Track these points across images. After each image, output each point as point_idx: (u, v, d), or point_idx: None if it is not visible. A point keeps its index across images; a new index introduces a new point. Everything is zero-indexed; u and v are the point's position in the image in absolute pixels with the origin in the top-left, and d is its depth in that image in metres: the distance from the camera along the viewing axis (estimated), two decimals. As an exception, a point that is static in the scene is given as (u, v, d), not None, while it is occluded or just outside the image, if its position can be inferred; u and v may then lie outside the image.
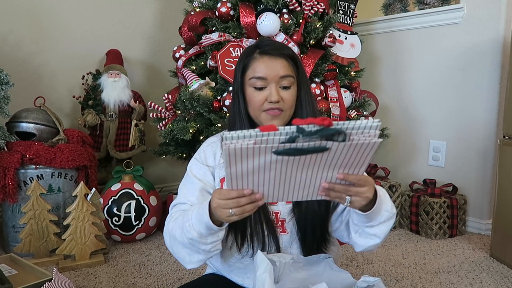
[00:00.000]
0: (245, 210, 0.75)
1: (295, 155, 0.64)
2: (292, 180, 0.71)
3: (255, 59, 0.94)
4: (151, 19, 2.61)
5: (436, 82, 2.31)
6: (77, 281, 1.56)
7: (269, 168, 0.68)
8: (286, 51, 0.95)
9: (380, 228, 0.85)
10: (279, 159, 0.65)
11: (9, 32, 2.12)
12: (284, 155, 0.64)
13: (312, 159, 0.66)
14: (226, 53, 1.79)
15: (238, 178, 0.70)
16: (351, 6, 2.17)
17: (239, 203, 0.74)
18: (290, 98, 0.94)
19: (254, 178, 0.70)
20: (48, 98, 2.06)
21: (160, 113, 1.93)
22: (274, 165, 0.67)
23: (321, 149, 0.63)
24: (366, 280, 0.85)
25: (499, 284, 1.58)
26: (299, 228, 0.94)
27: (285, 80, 0.93)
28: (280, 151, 0.64)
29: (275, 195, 0.75)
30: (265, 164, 0.67)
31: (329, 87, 1.96)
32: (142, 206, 1.92)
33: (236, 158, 0.65)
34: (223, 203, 0.75)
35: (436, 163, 2.34)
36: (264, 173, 0.69)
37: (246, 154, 0.64)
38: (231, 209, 0.74)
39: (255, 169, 0.68)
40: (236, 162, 0.66)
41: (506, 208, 1.73)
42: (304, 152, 0.64)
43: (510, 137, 1.75)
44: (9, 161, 1.69)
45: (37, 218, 1.67)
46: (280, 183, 0.72)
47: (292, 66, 0.94)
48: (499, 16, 2.05)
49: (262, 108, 0.93)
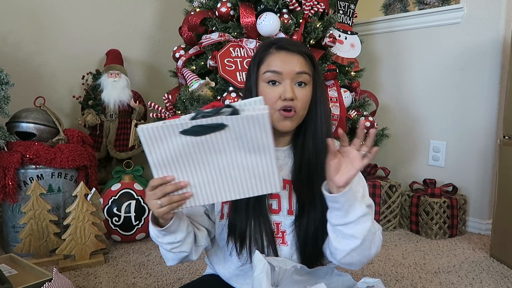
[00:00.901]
0: (173, 200, 0.76)
1: (199, 133, 0.70)
2: (212, 170, 0.75)
3: (271, 53, 0.90)
4: (151, 19, 2.61)
5: (436, 82, 2.32)
6: (77, 281, 1.56)
7: (184, 154, 0.73)
8: (304, 48, 0.92)
9: (357, 227, 0.81)
10: (188, 142, 0.71)
11: (9, 32, 2.12)
12: (189, 134, 0.70)
13: (219, 140, 0.72)
14: (226, 53, 1.79)
15: (161, 166, 0.74)
16: (351, 6, 2.17)
17: (165, 191, 0.75)
18: (304, 97, 0.89)
19: (176, 167, 0.74)
20: (48, 98, 2.06)
21: (160, 113, 1.93)
22: (188, 150, 0.72)
23: (219, 124, 0.70)
24: (366, 281, 0.85)
25: (499, 284, 1.58)
26: (300, 241, 0.91)
27: (301, 77, 0.88)
28: (186, 130, 0.70)
29: (204, 192, 0.77)
30: (179, 149, 0.72)
31: (329, 87, 1.96)
32: (142, 206, 1.92)
33: (152, 142, 0.71)
34: (151, 193, 0.77)
35: (436, 163, 2.34)
36: (182, 161, 0.74)
37: (158, 135, 0.70)
38: (159, 200, 0.76)
39: (173, 155, 0.73)
40: (154, 147, 0.72)
41: (506, 208, 1.73)
42: (205, 128, 0.70)
43: (510, 137, 1.75)
44: (9, 161, 1.69)
45: (37, 218, 1.67)
46: (202, 174, 0.75)
47: (309, 64, 0.91)
48: (499, 16, 2.05)
49: (275, 107, 0.88)
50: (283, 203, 0.92)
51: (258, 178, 0.76)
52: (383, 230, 2.19)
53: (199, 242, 0.94)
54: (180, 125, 0.70)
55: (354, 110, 2.06)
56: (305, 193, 0.90)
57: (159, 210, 0.77)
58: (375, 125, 2.08)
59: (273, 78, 0.88)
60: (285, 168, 0.94)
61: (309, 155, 0.91)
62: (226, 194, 0.77)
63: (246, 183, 0.76)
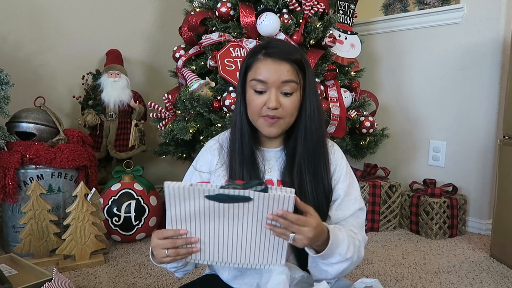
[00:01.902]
0: (179, 253, 0.79)
1: (223, 201, 0.74)
2: (225, 234, 0.79)
3: (259, 60, 0.90)
4: (151, 19, 2.61)
5: (436, 82, 2.32)
6: (77, 281, 1.56)
7: (203, 214, 0.76)
8: (294, 55, 0.90)
9: (333, 267, 0.84)
10: (211, 205, 0.75)
11: (9, 32, 2.12)
12: (214, 200, 0.74)
13: (240, 210, 0.75)
14: (226, 53, 1.79)
15: (178, 221, 0.78)
16: (351, 6, 2.17)
17: (175, 244, 0.79)
18: (290, 105, 0.89)
19: (191, 224, 0.78)
20: (48, 98, 2.06)
21: (160, 113, 1.93)
22: (208, 212, 0.76)
23: (245, 197, 0.73)
24: (364, 281, 0.86)
25: (499, 284, 1.58)
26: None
27: (287, 85, 0.88)
28: (211, 196, 0.74)
29: (211, 252, 0.81)
30: (200, 210, 0.76)
31: (329, 87, 1.96)
32: (142, 206, 1.92)
33: (175, 198, 0.75)
34: (161, 242, 0.79)
35: (436, 163, 2.34)
36: (199, 220, 0.77)
37: (183, 194, 0.74)
38: (167, 250, 0.79)
39: (191, 213, 0.76)
40: (176, 204, 0.75)
41: (506, 208, 1.73)
42: (231, 198, 0.73)
43: (510, 137, 1.75)
44: (9, 161, 1.69)
45: (37, 218, 1.67)
46: (215, 235, 0.79)
47: (297, 71, 0.89)
48: (499, 16, 2.05)
49: (260, 113, 0.89)
50: None
51: (266, 252, 0.80)
52: (383, 230, 2.19)
53: None
54: (207, 190, 0.73)
55: (354, 110, 2.06)
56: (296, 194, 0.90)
57: (164, 260, 0.80)
58: (375, 125, 2.08)
59: (259, 87, 0.89)
60: (277, 169, 0.95)
61: (300, 158, 0.91)
62: (231, 259, 0.81)
63: (253, 253, 0.80)
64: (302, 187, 0.90)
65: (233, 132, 0.96)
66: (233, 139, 0.95)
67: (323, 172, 0.93)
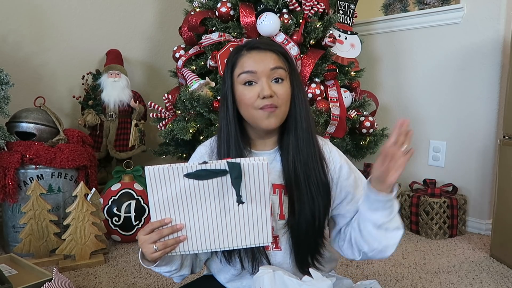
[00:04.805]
0: (167, 244, 0.78)
1: (202, 178, 0.74)
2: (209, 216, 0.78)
3: (243, 55, 0.89)
4: (151, 19, 2.61)
5: (436, 82, 2.32)
6: (77, 281, 1.56)
7: (185, 197, 0.76)
8: (276, 46, 0.91)
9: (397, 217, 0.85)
10: (191, 184, 0.75)
11: (9, 32, 2.12)
12: (193, 178, 0.74)
13: (219, 186, 0.76)
14: (226, 53, 1.79)
15: (160, 208, 0.77)
16: (351, 6, 2.17)
17: (162, 234, 0.77)
18: (284, 92, 0.87)
19: (175, 210, 0.77)
20: (48, 98, 2.06)
21: (160, 113, 1.93)
22: (189, 193, 0.76)
23: (222, 170, 0.74)
24: (363, 283, 0.87)
25: (499, 284, 1.58)
26: (293, 242, 0.91)
27: (276, 72, 0.87)
28: (190, 173, 0.74)
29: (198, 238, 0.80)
30: (181, 192, 0.76)
31: (329, 87, 1.96)
32: (142, 206, 1.92)
33: (156, 182, 0.75)
34: (148, 237, 0.78)
35: (436, 163, 2.34)
36: (182, 204, 0.77)
37: (163, 176, 0.74)
38: (154, 244, 0.77)
39: (173, 197, 0.76)
40: (157, 188, 0.75)
41: (506, 208, 1.73)
42: (209, 173, 0.74)
43: (510, 137, 1.75)
44: (9, 161, 1.69)
45: (37, 218, 1.67)
46: (199, 219, 0.78)
47: (283, 60, 0.89)
48: (499, 16, 2.05)
49: (255, 106, 0.86)
50: (274, 208, 0.91)
51: (252, 228, 0.80)
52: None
53: (200, 256, 0.96)
54: (185, 168, 0.74)
55: (354, 110, 2.06)
56: (295, 195, 0.89)
57: (153, 255, 0.79)
58: (375, 125, 2.08)
59: (248, 78, 0.87)
60: (273, 172, 0.92)
61: (295, 156, 0.90)
62: (219, 242, 0.80)
63: (239, 231, 0.80)
64: (300, 187, 0.89)
65: (219, 137, 0.94)
66: (219, 145, 0.93)
67: (315, 163, 0.90)
